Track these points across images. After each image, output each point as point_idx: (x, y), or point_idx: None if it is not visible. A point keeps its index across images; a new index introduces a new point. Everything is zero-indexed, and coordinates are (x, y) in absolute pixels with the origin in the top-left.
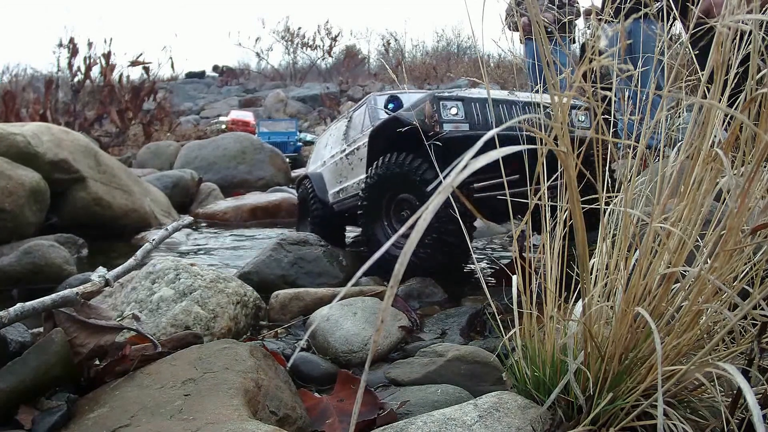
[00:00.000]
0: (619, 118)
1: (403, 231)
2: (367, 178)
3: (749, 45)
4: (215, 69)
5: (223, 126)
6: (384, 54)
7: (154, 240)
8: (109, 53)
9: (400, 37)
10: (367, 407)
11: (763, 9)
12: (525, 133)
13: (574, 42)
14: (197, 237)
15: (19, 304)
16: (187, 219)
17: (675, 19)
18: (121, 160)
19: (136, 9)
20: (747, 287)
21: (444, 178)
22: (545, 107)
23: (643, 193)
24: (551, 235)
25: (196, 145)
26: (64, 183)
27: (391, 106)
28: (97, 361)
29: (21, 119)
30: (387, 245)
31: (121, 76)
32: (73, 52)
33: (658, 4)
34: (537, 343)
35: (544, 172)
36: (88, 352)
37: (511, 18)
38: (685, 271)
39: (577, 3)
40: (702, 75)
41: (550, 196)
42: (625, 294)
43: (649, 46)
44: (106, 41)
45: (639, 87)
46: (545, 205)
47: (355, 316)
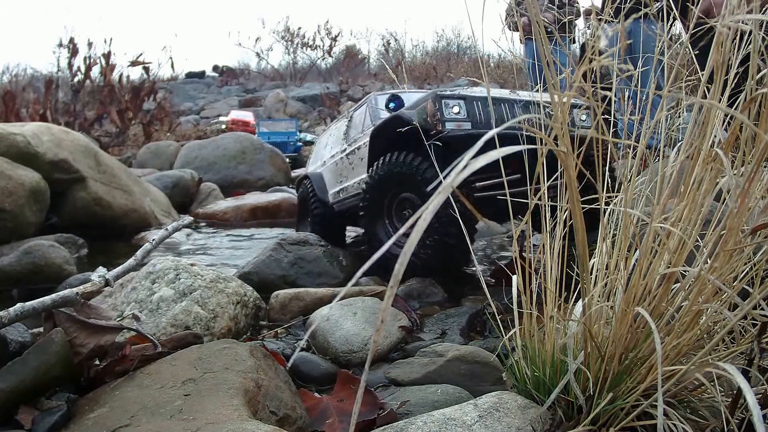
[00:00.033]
0: (619, 118)
1: (403, 231)
2: (369, 177)
3: (749, 45)
4: (215, 69)
5: (223, 126)
6: (384, 54)
7: (154, 240)
8: (109, 53)
9: (400, 37)
10: (367, 407)
11: (763, 9)
12: (525, 132)
13: (574, 42)
14: (197, 237)
15: (19, 304)
16: (187, 219)
17: (675, 19)
18: (121, 160)
19: (136, 9)
20: (747, 287)
21: (444, 178)
22: (546, 107)
23: (643, 193)
24: (551, 235)
25: (196, 145)
26: (64, 183)
27: (392, 105)
28: (97, 361)
29: (21, 119)
30: (387, 245)
31: (121, 76)
32: (73, 52)
33: (658, 4)
34: (537, 343)
35: (544, 172)
36: (88, 352)
37: (511, 18)
38: (685, 271)
39: (577, 3)
40: (702, 75)
41: (550, 196)
42: (625, 294)
43: (649, 46)
44: (106, 41)
45: (639, 87)
46: (545, 205)
47: (355, 316)
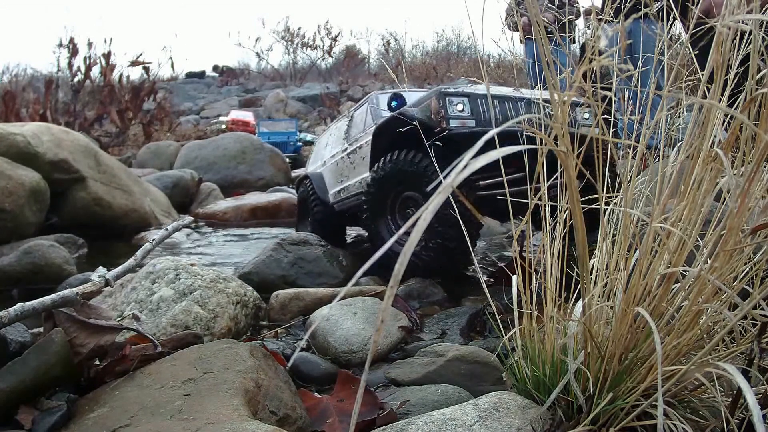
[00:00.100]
0: (619, 118)
1: (404, 230)
2: (372, 175)
3: (749, 45)
4: (215, 69)
5: (223, 126)
6: (384, 54)
7: (153, 240)
8: (109, 53)
9: (400, 37)
10: (367, 407)
11: (763, 9)
12: (526, 132)
13: (574, 42)
14: (197, 237)
15: (19, 304)
16: (187, 219)
17: (675, 19)
18: (121, 160)
19: (136, 9)
20: (747, 287)
21: (444, 178)
22: (546, 107)
23: (643, 193)
24: (551, 235)
25: (196, 145)
26: (64, 183)
27: (394, 103)
28: (97, 361)
29: (21, 119)
30: (387, 245)
31: (121, 76)
32: (73, 52)
33: (658, 4)
34: (537, 343)
35: (544, 171)
36: (88, 352)
37: (511, 18)
38: (685, 271)
39: (577, 3)
40: (702, 75)
41: (550, 196)
42: (625, 294)
43: (649, 46)
44: (106, 41)
45: (639, 87)
46: (545, 205)
47: (355, 316)
